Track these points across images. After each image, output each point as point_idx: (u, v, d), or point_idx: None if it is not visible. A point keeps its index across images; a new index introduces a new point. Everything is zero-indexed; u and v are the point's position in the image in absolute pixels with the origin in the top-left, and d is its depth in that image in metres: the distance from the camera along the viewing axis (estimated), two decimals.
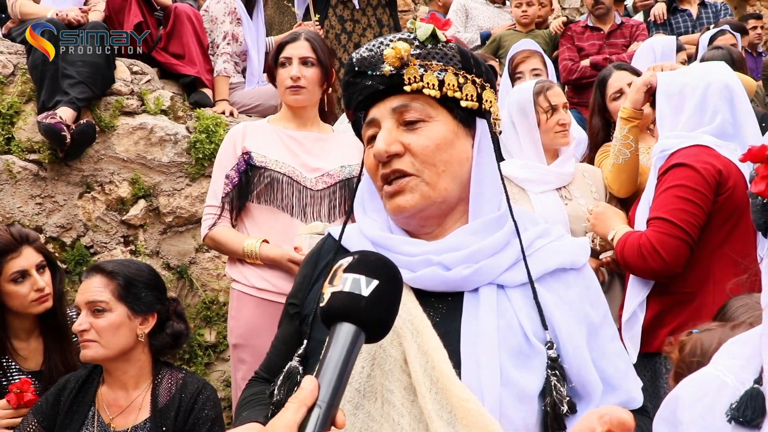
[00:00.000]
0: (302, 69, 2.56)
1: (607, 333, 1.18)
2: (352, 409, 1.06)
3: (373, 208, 1.25)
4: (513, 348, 1.07)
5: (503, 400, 1.03)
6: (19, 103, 3.46)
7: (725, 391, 0.95)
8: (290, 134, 2.59)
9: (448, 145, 1.14)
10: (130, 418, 1.98)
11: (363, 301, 0.85)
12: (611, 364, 1.15)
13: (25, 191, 3.37)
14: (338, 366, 0.79)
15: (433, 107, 1.14)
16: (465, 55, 1.17)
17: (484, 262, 1.11)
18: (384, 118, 1.15)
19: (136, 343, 2.00)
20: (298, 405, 0.75)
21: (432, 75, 1.13)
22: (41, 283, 2.24)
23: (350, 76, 1.18)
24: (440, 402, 1.02)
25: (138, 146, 3.58)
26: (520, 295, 1.12)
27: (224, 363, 3.55)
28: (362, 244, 1.19)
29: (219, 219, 2.51)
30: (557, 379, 1.05)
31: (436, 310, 1.11)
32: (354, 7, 4.32)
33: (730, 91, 2.22)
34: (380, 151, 1.12)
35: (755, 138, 2.24)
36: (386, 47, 1.13)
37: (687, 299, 2.16)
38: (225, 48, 4.12)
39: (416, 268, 1.12)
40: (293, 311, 1.28)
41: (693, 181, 2.12)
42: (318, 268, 1.27)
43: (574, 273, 1.17)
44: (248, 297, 2.47)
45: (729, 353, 1.03)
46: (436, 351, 1.04)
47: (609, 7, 4.96)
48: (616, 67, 3.06)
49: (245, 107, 4.20)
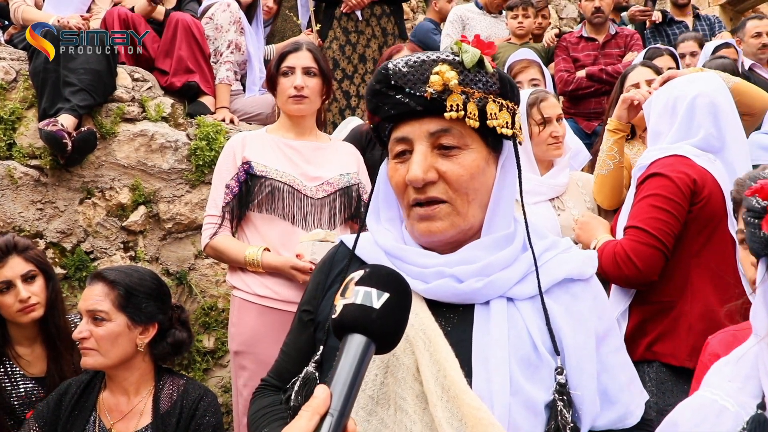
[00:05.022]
0: (305, 79, 2.59)
1: (612, 344, 1.19)
2: (366, 416, 1.08)
3: (388, 218, 1.27)
4: (522, 358, 1.09)
5: (512, 408, 1.05)
6: (20, 109, 3.48)
7: (726, 417, 0.95)
8: (289, 143, 2.61)
9: (480, 173, 1.15)
10: (131, 423, 1.98)
11: (374, 314, 0.88)
12: (612, 377, 1.17)
13: (26, 197, 3.38)
14: (350, 376, 0.82)
15: (469, 134, 1.14)
16: (503, 82, 1.17)
17: (495, 275, 1.13)
18: (418, 140, 1.14)
19: (136, 351, 2.01)
20: (311, 413, 0.77)
21: (473, 104, 1.12)
22: (24, 294, 2.24)
23: (383, 87, 1.15)
24: (451, 410, 1.03)
25: (138, 153, 3.60)
26: (529, 307, 1.14)
27: (223, 369, 3.56)
28: (375, 254, 1.21)
29: (219, 228, 2.52)
30: (564, 405, 1.07)
31: (447, 320, 1.13)
32: (358, 19, 4.36)
33: (715, 106, 2.24)
34: (417, 178, 1.12)
35: (742, 152, 2.26)
36: (429, 69, 1.12)
37: (667, 308, 2.17)
38: (228, 56, 4.14)
39: (429, 280, 1.14)
40: (307, 318, 1.29)
41: (667, 190, 2.14)
42: (331, 276, 1.28)
43: (582, 284, 1.19)
44: (250, 304, 2.48)
45: (723, 375, 1.02)
46: (448, 360, 1.06)
47: (607, 16, 4.99)
48: (641, 64, 3.09)
49: (246, 115, 4.22)
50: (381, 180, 1.27)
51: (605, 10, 4.92)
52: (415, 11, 7.16)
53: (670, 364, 2.12)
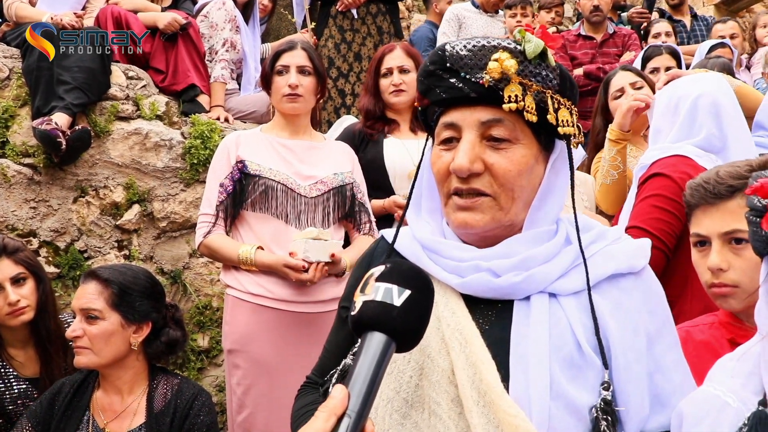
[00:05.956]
0: (300, 77, 2.59)
1: (666, 342, 1.12)
2: (400, 419, 1.05)
3: (429, 209, 1.21)
4: (565, 359, 1.02)
5: (552, 413, 0.99)
6: (14, 107, 3.46)
7: (728, 412, 0.95)
8: (283, 143, 2.61)
9: (528, 171, 1.08)
10: (125, 422, 1.98)
11: (395, 311, 0.83)
12: (665, 378, 1.09)
13: (20, 195, 3.36)
14: (369, 376, 0.78)
15: (521, 128, 1.08)
16: (564, 78, 1.11)
17: (535, 269, 1.07)
18: (468, 128, 1.08)
19: (130, 350, 2.00)
20: (328, 414, 0.74)
21: (530, 97, 1.05)
22: (12, 297, 2.21)
23: (437, 68, 1.09)
24: (487, 416, 0.99)
25: (133, 151, 3.58)
26: (573, 304, 1.07)
27: (217, 368, 3.55)
28: (413, 248, 1.16)
29: (213, 227, 2.51)
30: (607, 425, 0.99)
31: (485, 318, 1.08)
32: (353, 17, 4.35)
33: (717, 106, 2.23)
34: (463, 168, 1.06)
35: (744, 153, 2.26)
36: (488, 56, 1.06)
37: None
38: (224, 55, 4.13)
39: (465, 274, 1.09)
40: (346, 314, 1.24)
41: (669, 190, 2.14)
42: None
43: (632, 277, 1.11)
44: (243, 303, 2.47)
45: (727, 371, 1.02)
46: (485, 363, 1.01)
47: (606, 14, 4.99)
48: (621, 68, 3.09)
49: (240, 113, 4.21)
50: (425, 167, 1.20)
51: (604, 9, 4.92)
52: (410, 10, 7.16)
53: None
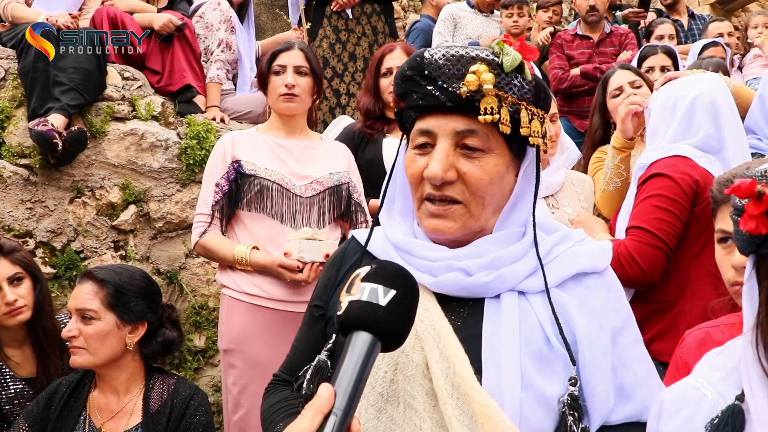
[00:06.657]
0: (296, 77, 2.60)
1: (628, 337, 1.17)
2: (375, 413, 1.07)
3: (402, 210, 1.25)
4: (534, 352, 1.07)
5: (523, 404, 1.03)
6: (10, 108, 3.46)
7: (704, 404, 0.96)
8: (279, 142, 2.62)
9: (499, 179, 1.13)
10: (121, 422, 1.98)
11: (380, 311, 0.85)
12: (629, 371, 1.14)
13: (16, 196, 3.36)
14: (354, 374, 0.79)
15: (495, 138, 1.11)
16: (538, 89, 1.13)
17: (504, 269, 1.11)
18: (443, 136, 1.11)
19: (125, 350, 2.00)
20: (315, 412, 0.74)
21: (506, 109, 1.08)
22: (10, 297, 2.22)
23: (415, 74, 1.12)
24: (461, 408, 1.02)
25: (129, 152, 3.59)
26: (541, 301, 1.12)
27: (213, 368, 3.56)
28: (385, 248, 1.20)
29: (209, 227, 2.52)
30: (573, 420, 1.04)
31: (457, 315, 1.12)
32: (348, 17, 4.36)
33: (715, 106, 2.25)
34: (437, 176, 1.09)
35: (741, 154, 2.27)
36: (466, 67, 1.08)
37: (666, 307, 2.19)
38: (219, 55, 4.13)
39: (437, 273, 1.12)
40: (318, 313, 1.29)
41: (670, 190, 2.15)
42: (342, 271, 1.27)
43: (596, 277, 1.17)
44: (239, 303, 2.48)
45: (710, 365, 1.04)
46: (458, 357, 1.05)
47: (602, 14, 4.99)
48: (620, 67, 3.10)
49: (236, 114, 4.21)
50: (399, 168, 1.24)
51: (600, 9, 4.92)
52: (405, 9, 7.16)
53: (668, 363, 2.14)
